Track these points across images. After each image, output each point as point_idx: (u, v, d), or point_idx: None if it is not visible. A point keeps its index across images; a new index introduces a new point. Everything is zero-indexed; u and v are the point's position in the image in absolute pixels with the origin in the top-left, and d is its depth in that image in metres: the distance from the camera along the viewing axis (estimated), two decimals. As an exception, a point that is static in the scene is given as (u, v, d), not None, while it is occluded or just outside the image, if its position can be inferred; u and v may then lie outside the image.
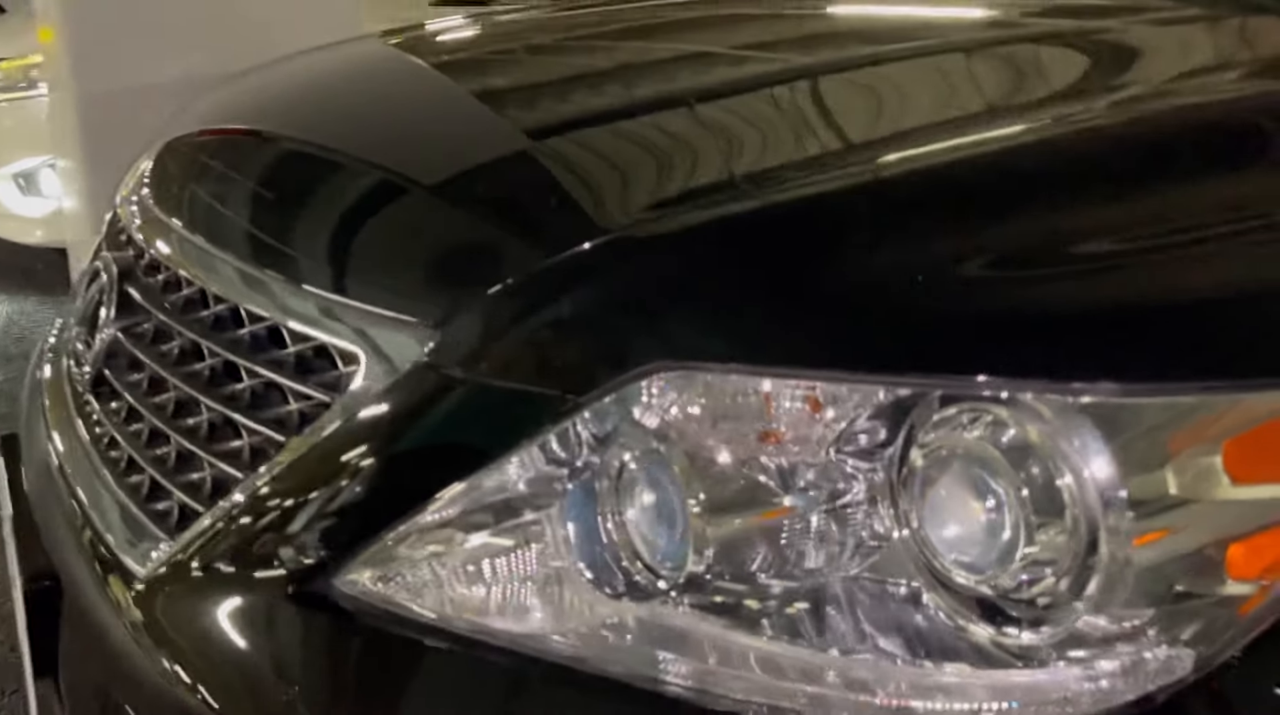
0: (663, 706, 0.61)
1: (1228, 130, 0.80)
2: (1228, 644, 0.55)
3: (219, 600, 0.76)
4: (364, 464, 0.72)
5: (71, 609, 0.91)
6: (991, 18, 1.33)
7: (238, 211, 0.94)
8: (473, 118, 1.01)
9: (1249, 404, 0.56)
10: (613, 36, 1.41)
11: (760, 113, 0.93)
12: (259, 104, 1.17)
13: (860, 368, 0.62)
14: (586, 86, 1.13)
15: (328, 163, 0.94)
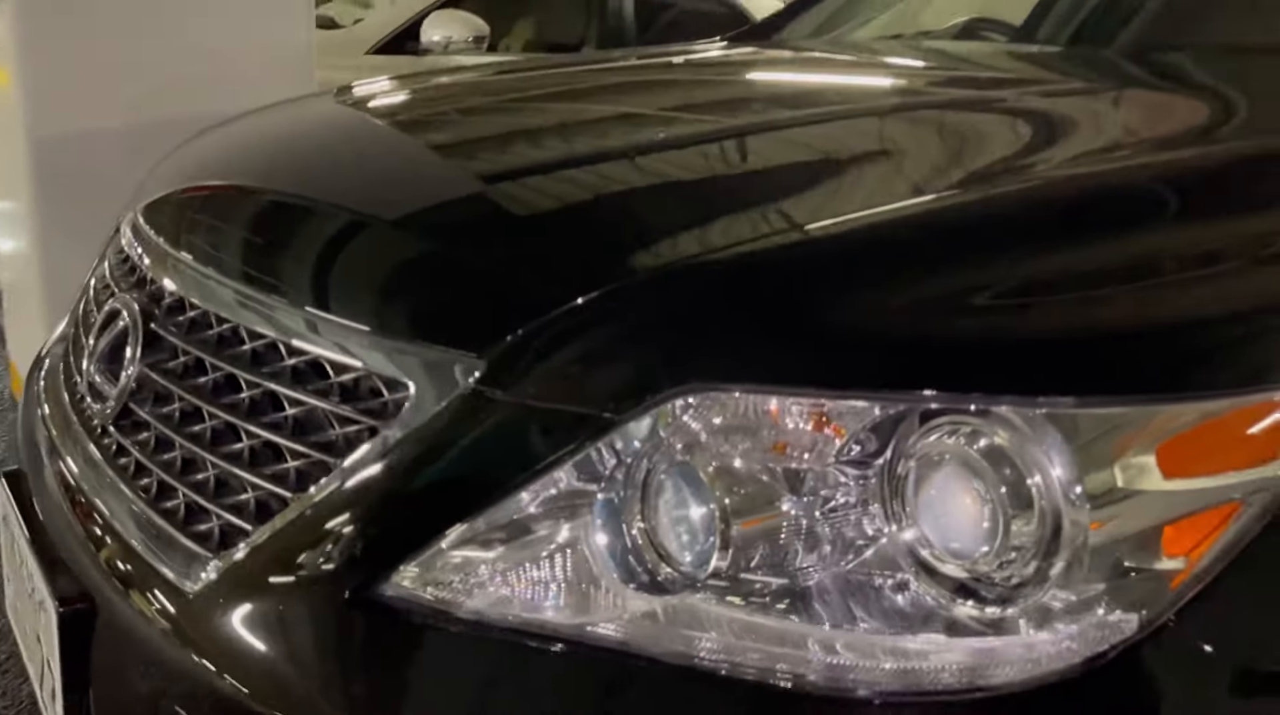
0: (695, 677, 0.71)
1: (1137, 186, 0.96)
2: (1164, 609, 0.67)
3: (274, 608, 0.83)
4: (419, 478, 0.81)
5: (108, 627, 0.97)
6: (903, 87, 1.52)
7: (275, 255, 1.02)
8: (496, 171, 1.12)
9: (1177, 413, 0.69)
10: (591, 96, 1.54)
11: (745, 170, 1.07)
12: (271, 153, 1.25)
13: (856, 387, 0.73)
14: (592, 143, 1.24)
15: (359, 214, 1.03)
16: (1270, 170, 1.00)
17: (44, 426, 1.22)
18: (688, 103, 1.46)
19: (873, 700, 0.68)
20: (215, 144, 1.42)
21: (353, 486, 0.83)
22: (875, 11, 2.36)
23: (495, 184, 1.07)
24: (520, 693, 0.75)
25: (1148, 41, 1.81)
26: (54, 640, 0.99)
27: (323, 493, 0.84)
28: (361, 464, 0.83)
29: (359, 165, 1.17)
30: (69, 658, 0.99)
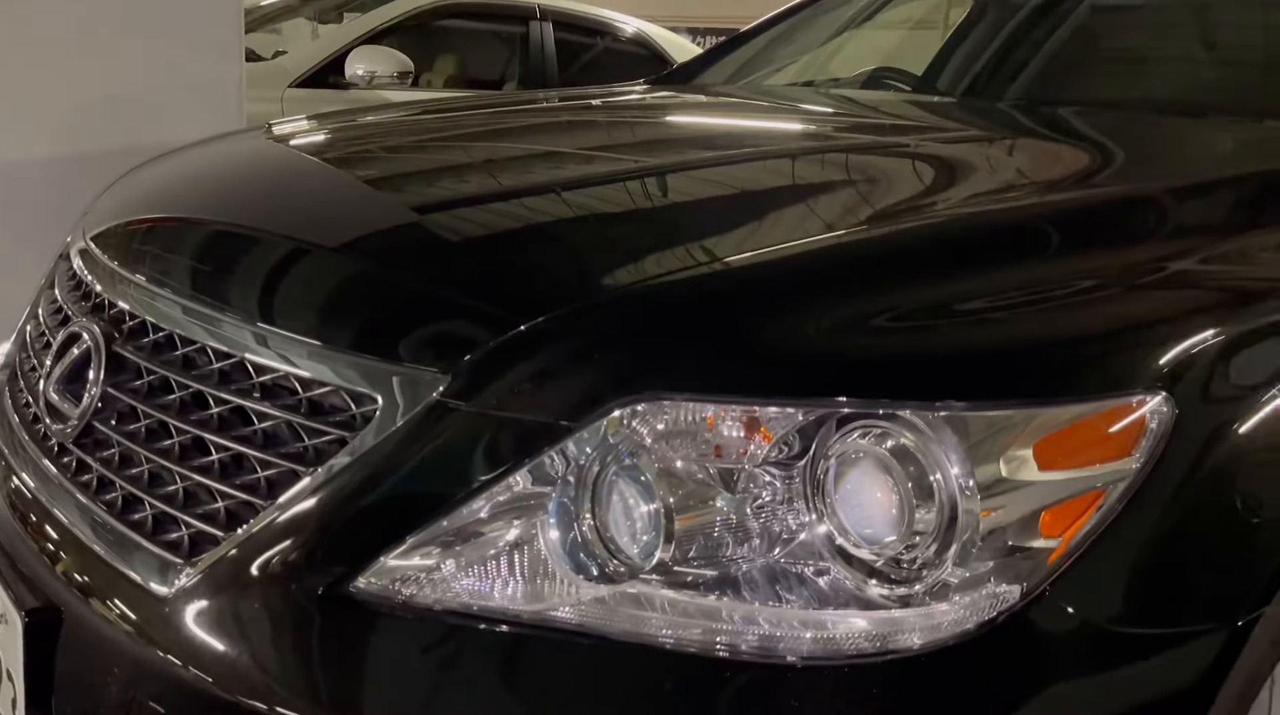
0: (644, 651, 0.80)
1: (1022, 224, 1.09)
2: (1041, 581, 0.79)
3: (250, 607, 0.89)
4: (387, 483, 0.88)
5: (75, 635, 1.01)
6: (814, 131, 1.67)
7: (243, 282, 1.08)
8: (455, 202, 1.21)
9: (1052, 415, 0.82)
10: (532, 134, 1.65)
11: (679, 204, 1.18)
12: (231, 184, 1.32)
13: (781, 396, 0.84)
14: (540, 178, 1.34)
15: (325, 244, 1.10)
16: (1135, 211, 1.16)
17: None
18: (621, 142, 1.57)
19: (797, 664, 0.78)
20: (167, 175, 1.48)
21: (325, 492, 0.90)
22: (787, 60, 2.52)
23: (456, 214, 1.16)
24: (485, 673, 0.83)
25: (1035, 96, 2.00)
26: (18, 649, 1.03)
27: (295, 499, 0.91)
28: (332, 471, 0.90)
29: (320, 197, 1.25)
30: (33, 666, 1.02)
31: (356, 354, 0.93)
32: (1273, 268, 1.05)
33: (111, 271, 1.21)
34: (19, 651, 1.03)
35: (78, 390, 1.14)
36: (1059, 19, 2.24)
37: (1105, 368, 0.86)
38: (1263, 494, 0.87)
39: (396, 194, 1.28)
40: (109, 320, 1.16)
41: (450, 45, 4.92)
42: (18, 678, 1.04)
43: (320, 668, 0.87)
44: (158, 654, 0.92)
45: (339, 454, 0.91)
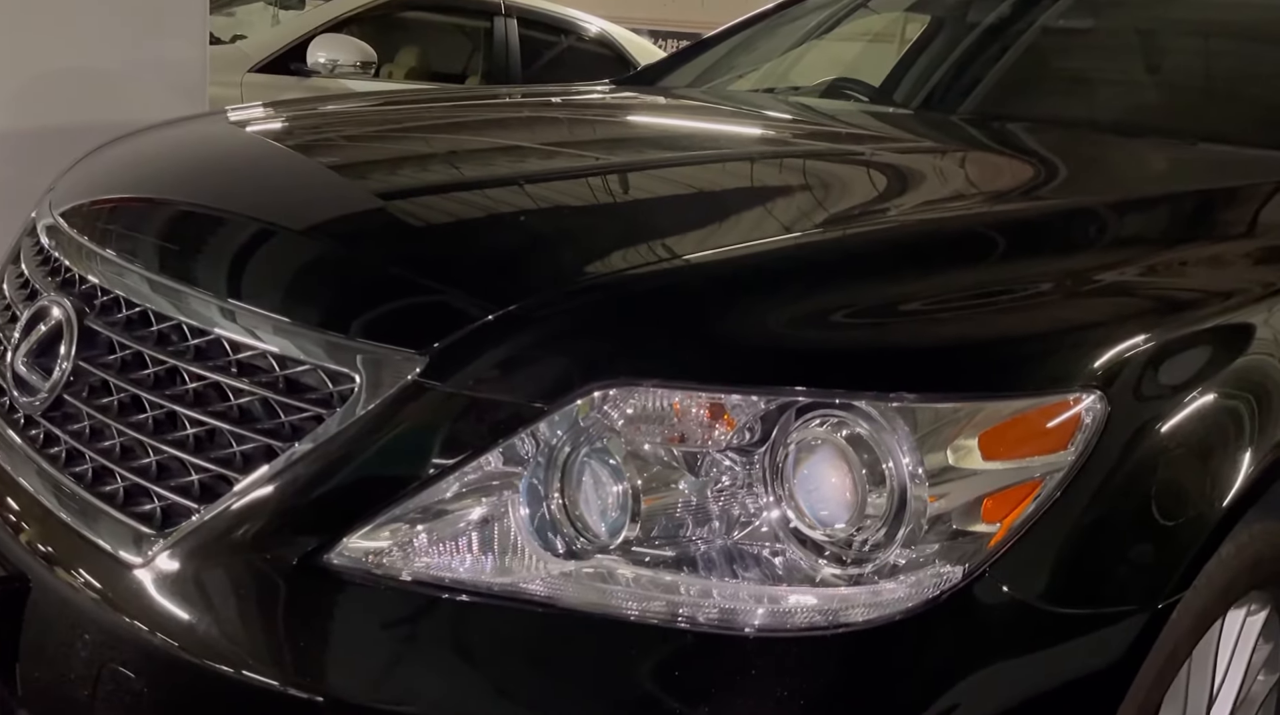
0: (609, 622, 0.84)
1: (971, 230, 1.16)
2: (982, 562, 0.85)
3: (224, 575, 0.92)
4: (363, 459, 0.91)
5: (42, 602, 1.02)
6: (774, 135, 1.73)
7: (221, 261, 1.10)
8: (438, 188, 1.25)
9: (996, 409, 0.87)
10: (507, 130, 1.68)
11: (651, 202, 1.22)
12: (208, 165, 1.34)
13: (746, 385, 0.88)
14: (515, 172, 1.38)
15: (305, 226, 1.13)
16: (1076, 223, 1.23)
17: None
18: (591, 139, 1.62)
19: (751, 636, 0.83)
20: (136, 154, 1.48)
21: (301, 467, 0.93)
22: (749, 67, 2.58)
23: (433, 202, 1.20)
24: (454, 642, 0.87)
25: (987, 111, 2.08)
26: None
27: (272, 473, 0.93)
28: (309, 447, 0.93)
29: (297, 182, 1.28)
30: (3, 632, 1.04)
31: (336, 335, 0.96)
32: (1199, 279, 1.13)
33: (83, 247, 1.22)
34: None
35: (47, 364, 1.15)
36: (1011, 39, 2.32)
37: (1045, 367, 0.92)
38: (1184, 487, 0.93)
39: (375, 181, 1.30)
40: (80, 295, 1.17)
41: (413, 37, 4.91)
42: (-16, 644, 1.06)
43: (294, 635, 0.89)
44: (128, 621, 0.94)
45: (316, 430, 0.94)
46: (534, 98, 2.13)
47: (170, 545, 0.95)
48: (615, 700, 0.83)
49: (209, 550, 0.93)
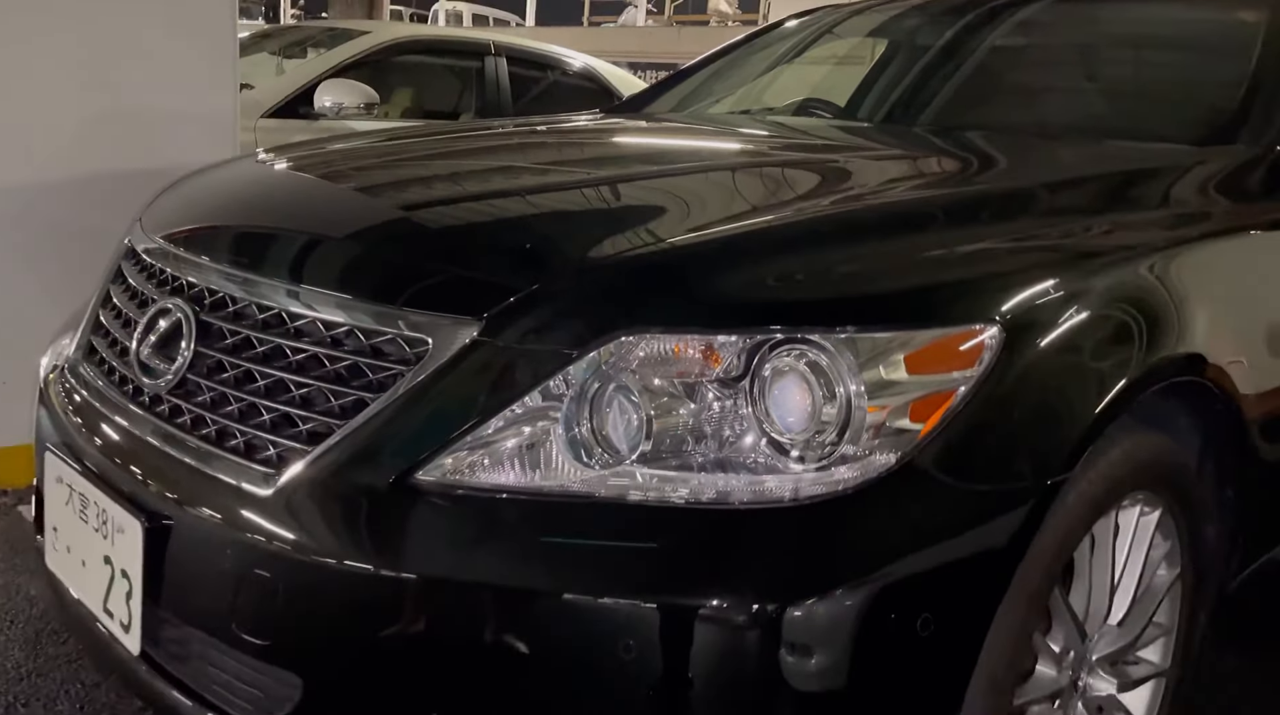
0: (632, 506, 1.12)
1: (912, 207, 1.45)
2: (912, 452, 1.13)
3: (336, 496, 1.19)
4: (437, 402, 1.19)
5: (184, 535, 1.29)
6: (750, 149, 2.04)
7: (314, 259, 1.39)
8: (483, 195, 1.56)
9: (919, 336, 1.16)
10: (527, 150, 2.00)
11: (645, 198, 1.53)
12: (289, 185, 1.65)
13: (729, 329, 1.17)
14: (536, 179, 1.68)
15: (379, 227, 1.42)
16: (989, 201, 1.53)
17: (77, 407, 1.53)
18: (594, 156, 1.93)
19: (739, 508, 1.11)
20: (216, 185, 1.77)
21: (391, 410, 1.21)
22: (724, 93, 2.89)
23: (480, 209, 1.52)
24: (513, 530, 1.14)
25: (943, 122, 2.38)
26: (137, 552, 1.31)
27: (368, 417, 1.21)
28: (395, 396, 1.21)
29: (357, 200, 1.57)
30: (150, 564, 1.30)
31: (412, 311, 1.24)
32: (1088, 242, 1.42)
33: (189, 261, 1.50)
34: (138, 553, 1.31)
35: (169, 353, 1.43)
36: (962, 58, 2.63)
37: (957, 306, 1.21)
38: (1062, 391, 1.22)
39: (430, 196, 1.61)
40: (191, 298, 1.45)
41: (410, 79, 5.23)
42: (135, 575, 1.33)
43: (390, 534, 1.17)
44: (262, 538, 1.21)
45: (399, 383, 1.22)
46: (535, 126, 2.43)
47: (290, 480, 1.22)
48: (638, 559, 1.11)
49: (321, 480, 1.21)
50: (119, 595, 1.36)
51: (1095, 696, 1.50)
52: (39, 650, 1.97)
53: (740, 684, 1.10)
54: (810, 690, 1.10)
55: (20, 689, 1.85)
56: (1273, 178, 1.83)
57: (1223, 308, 1.53)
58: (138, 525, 1.31)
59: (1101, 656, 1.48)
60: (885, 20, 2.92)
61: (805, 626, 1.08)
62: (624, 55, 8.16)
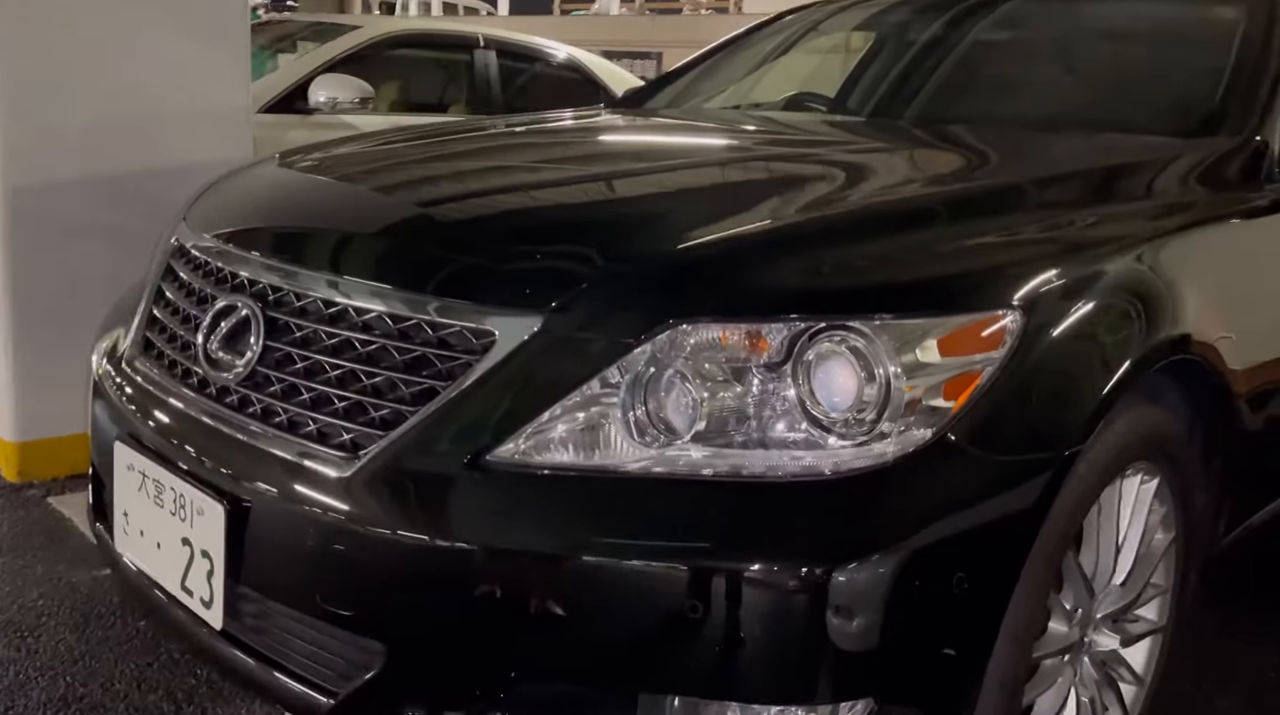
0: (688, 481, 1.23)
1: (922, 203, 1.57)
2: (943, 427, 1.24)
3: (412, 476, 1.29)
4: (505, 389, 1.29)
5: (262, 515, 1.38)
6: (780, 145, 2.15)
7: (378, 258, 1.48)
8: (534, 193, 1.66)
9: (948, 322, 1.27)
10: (560, 146, 2.10)
11: (687, 192, 1.65)
12: (341, 183, 1.74)
13: (775, 317, 1.27)
14: (575, 175, 1.78)
15: (446, 224, 1.53)
16: (1005, 194, 1.65)
17: (142, 400, 1.61)
18: (628, 152, 2.06)
19: (788, 481, 1.22)
20: (260, 187, 1.86)
21: (462, 397, 1.30)
22: (718, 89, 2.99)
23: (537, 208, 1.64)
24: (578, 506, 1.24)
25: (928, 116, 2.50)
26: (219, 532, 1.40)
27: (441, 403, 1.31)
28: (465, 384, 1.31)
29: (407, 199, 1.67)
30: (231, 544, 1.39)
31: (479, 305, 1.34)
32: (1083, 234, 1.55)
33: (251, 259, 1.58)
34: (220, 534, 1.40)
35: (236, 347, 1.52)
36: (945, 52, 2.75)
37: (982, 293, 1.32)
38: (1075, 369, 1.35)
39: (482, 196, 1.71)
40: (255, 295, 1.54)
41: (399, 73, 5.28)
42: (217, 555, 1.42)
43: (465, 511, 1.27)
44: (343, 518, 1.30)
45: (468, 372, 1.31)
46: (551, 123, 2.52)
47: (368, 462, 1.32)
48: (695, 530, 1.21)
49: (399, 461, 1.30)
50: (199, 574, 1.45)
51: (1100, 651, 1.63)
52: (88, 634, 2.05)
53: (791, 641, 1.21)
54: (855, 646, 1.21)
55: (76, 670, 1.93)
56: (1253, 167, 1.96)
57: (1212, 290, 1.66)
58: (219, 508, 1.40)
59: (1106, 614, 1.61)
60: (884, 12, 3.02)
61: (850, 587, 1.19)
62: (598, 44, 8.21)
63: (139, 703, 1.84)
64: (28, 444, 2.74)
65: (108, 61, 2.74)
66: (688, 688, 1.23)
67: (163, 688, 1.89)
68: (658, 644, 1.22)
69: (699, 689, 1.22)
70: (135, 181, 2.83)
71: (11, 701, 1.83)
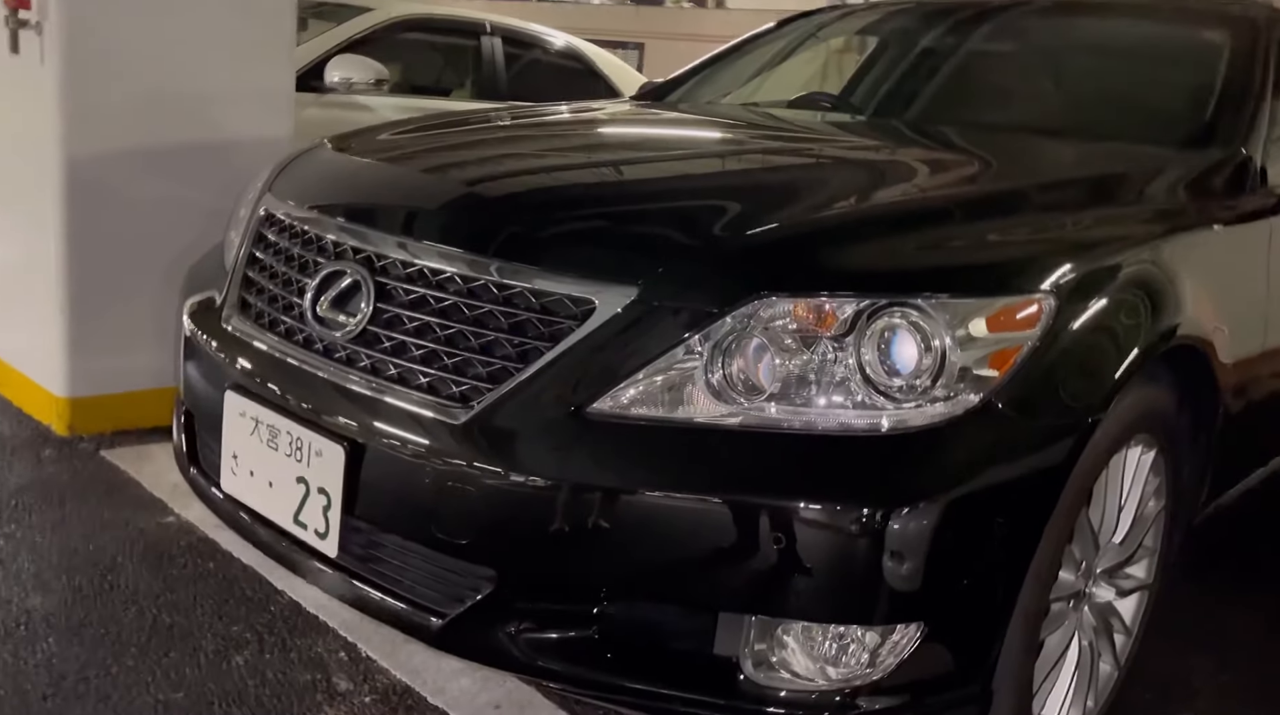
0: (766, 434, 1.41)
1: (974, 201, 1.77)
2: (989, 393, 1.44)
3: (521, 422, 1.47)
4: (604, 350, 1.46)
5: (377, 458, 1.55)
6: (810, 140, 2.36)
7: (496, 232, 1.64)
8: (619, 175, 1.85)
9: (994, 303, 1.47)
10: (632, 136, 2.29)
11: (762, 178, 1.86)
12: (439, 158, 1.97)
13: (842, 293, 1.46)
14: (652, 157, 1.97)
15: (552, 204, 1.73)
16: (1037, 194, 1.86)
17: (248, 356, 1.77)
18: (675, 143, 2.26)
19: (855, 436, 1.41)
20: (339, 161, 2.03)
21: (564, 357, 1.48)
22: (730, 86, 3.18)
23: (622, 185, 1.85)
24: (668, 452, 1.42)
25: (926, 117, 2.71)
26: (338, 472, 1.56)
27: (548, 361, 1.48)
28: (569, 344, 1.48)
29: (513, 174, 1.85)
30: (349, 482, 1.56)
31: (581, 277, 1.51)
32: (1099, 232, 1.76)
33: (356, 229, 1.74)
34: (340, 472, 1.57)
35: (345, 308, 1.68)
36: (942, 60, 2.97)
37: (1021, 280, 1.53)
38: (1099, 346, 1.56)
39: (572, 177, 1.89)
40: (361, 262, 1.70)
41: (405, 55, 5.39)
42: (335, 492, 1.58)
43: (567, 454, 1.44)
44: (457, 460, 1.48)
45: (570, 336, 1.49)
46: (590, 113, 2.69)
47: (481, 411, 1.49)
48: (769, 473, 1.40)
49: (509, 410, 1.48)
50: (314, 509, 1.62)
51: (1098, 602, 1.85)
52: (164, 573, 2.20)
53: (853, 571, 1.40)
54: (908, 577, 1.40)
55: (160, 603, 2.08)
56: (1238, 178, 2.19)
57: (1206, 287, 1.88)
58: (339, 449, 1.57)
59: (1105, 568, 1.83)
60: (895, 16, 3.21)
61: (905, 528, 1.39)
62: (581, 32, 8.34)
63: (223, 632, 2.00)
64: (78, 400, 2.87)
65: (162, 39, 2.86)
66: (762, 608, 1.42)
67: (242, 621, 2.05)
68: (736, 571, 1.41)
69: (772, 609, 1.42)
70: (185, 155, 2.96)
71: (106, 630, 1.98)
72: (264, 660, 1.93)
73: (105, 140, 2.80)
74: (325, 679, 1.89)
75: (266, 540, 1.73)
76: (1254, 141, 2.26)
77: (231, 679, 1.87)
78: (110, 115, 2.81)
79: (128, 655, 1.91)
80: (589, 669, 1.48)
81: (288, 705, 1.82)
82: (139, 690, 1.82)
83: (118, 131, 2.82)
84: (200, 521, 2.39)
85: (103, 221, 2.84)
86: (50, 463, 2.70)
